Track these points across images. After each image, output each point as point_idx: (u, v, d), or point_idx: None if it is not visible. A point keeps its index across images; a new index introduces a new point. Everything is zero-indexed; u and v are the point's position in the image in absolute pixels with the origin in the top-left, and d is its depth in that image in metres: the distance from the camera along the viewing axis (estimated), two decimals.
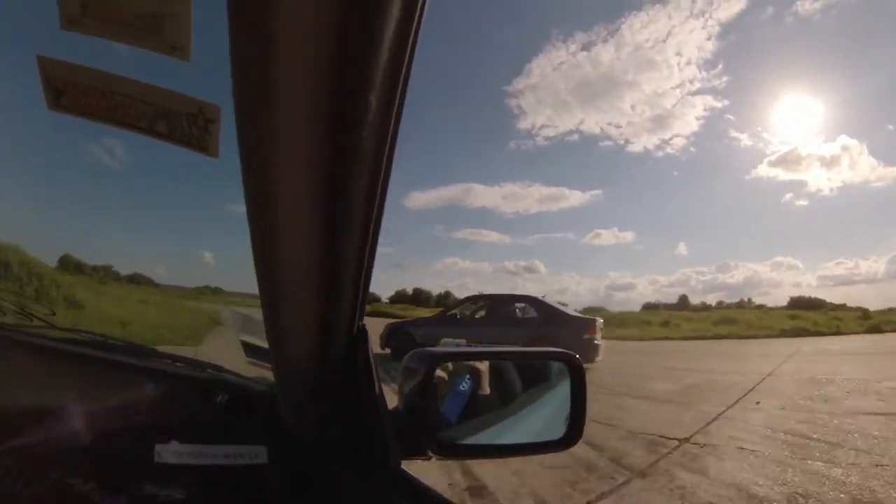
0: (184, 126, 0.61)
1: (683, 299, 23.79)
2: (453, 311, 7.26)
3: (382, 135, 0.44)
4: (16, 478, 0.75)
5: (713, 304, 22.94)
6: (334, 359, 0.69)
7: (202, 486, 0.78)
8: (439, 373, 0.84)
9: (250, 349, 0.83)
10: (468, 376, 0.89)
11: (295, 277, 0.56)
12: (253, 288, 0.60)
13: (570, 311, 7.36)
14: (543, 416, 1.00)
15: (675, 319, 18.55)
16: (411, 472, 0.74)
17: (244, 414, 0.86)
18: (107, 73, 0.63)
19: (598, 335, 6.64)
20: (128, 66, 0.62)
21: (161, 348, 1.03)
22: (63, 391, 0.85)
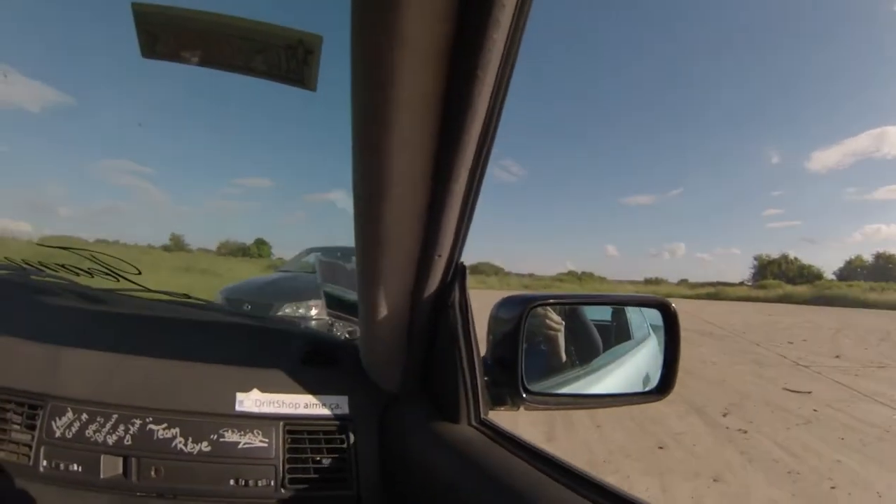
0: (281, 60, 0.63)
1: None
2: (284, 268, 6.08)
3: (497, 84, 0.47)
4: (100, 425, 0.79)
5: None
6: (428, 300, 0.69)
7: (282, 434, 0.81)
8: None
9: (333, 301, 0.85)
10: (543, 337, 0.89)
11: (396, 211, 0.57)
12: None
13: None
14: (627, 370, 1.00)
15: None
16: (499, 423, 0.74)
17: (326, 365, 0.88)
18: (202, 12, 0.64)
19: None
20: (221, 3, 0.64)
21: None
22: (146, 345, 0.89)
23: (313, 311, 4.08)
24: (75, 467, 0.78)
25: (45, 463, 0.78)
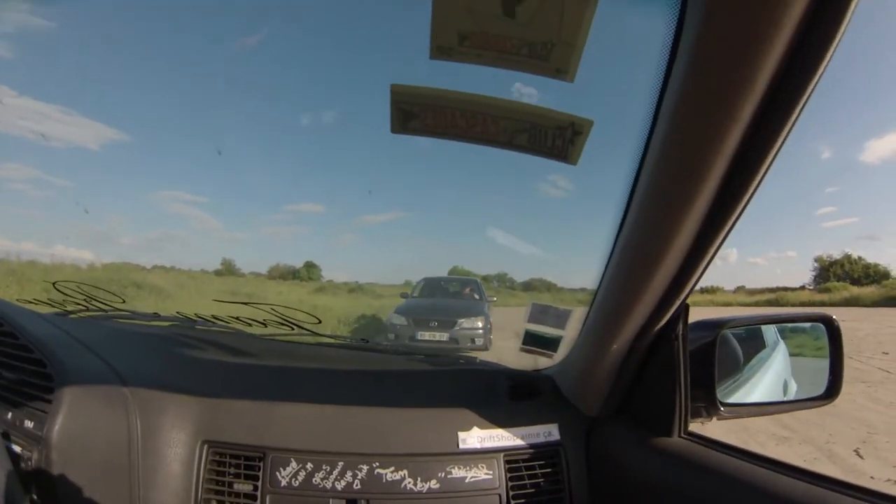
0: (547, 138, 0.72)
1: None
2: (413, 294, 7.66)
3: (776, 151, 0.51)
4: (327, 472, 0.86)
5: None
6: (653, 334, 0.80)
7: (503, 466, 0.90)
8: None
9: (532, 337, 0.95)
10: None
11: (659, 262, 0.65)
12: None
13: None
14: (769, 379, 1.15)
15: None
16: (702, 433, 0.86)
17: (529, 397, 0.98)
18: (468, 94, 0.72)
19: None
20: (485, 86, 0.72)
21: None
22: (356, 395, 0.96)
23: (479, 324, 5.87)
24: None
25: None
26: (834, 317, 0.93)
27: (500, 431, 0.91)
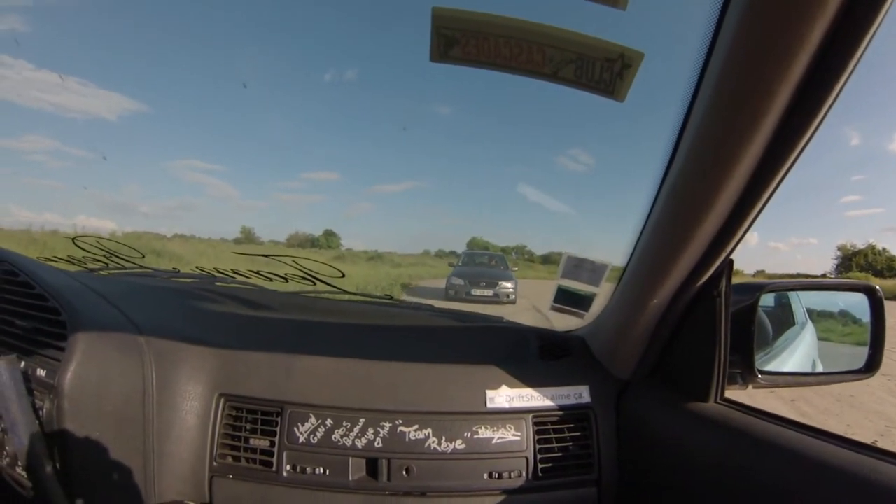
0: (594, 71, 0.69)
1: None
2: (458, 264, 9.79)
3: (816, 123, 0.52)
4: (347, 429, 0.85)
5: None
6: (692, 291, 0.77)
7: (532, 427, 0.88)
8: None
9: (564, 294, 0.92)
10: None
11: (696, 208, 0.62)
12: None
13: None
14: (798, 355, 1.12)
15: None
16: (739, 401, 0.83)
17: (559, 357, 0.95)
18: (515, 20, 0.69)
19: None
20: (531, 12, 0.69)
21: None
22: (380, 350, 0.94)
23: (511, 285, 8.16)
24: (321, 471, 0.82)
25: (288, 468, 0.83)
26: (877, 287, 0.90)
27: (529, 391, 0.89)
